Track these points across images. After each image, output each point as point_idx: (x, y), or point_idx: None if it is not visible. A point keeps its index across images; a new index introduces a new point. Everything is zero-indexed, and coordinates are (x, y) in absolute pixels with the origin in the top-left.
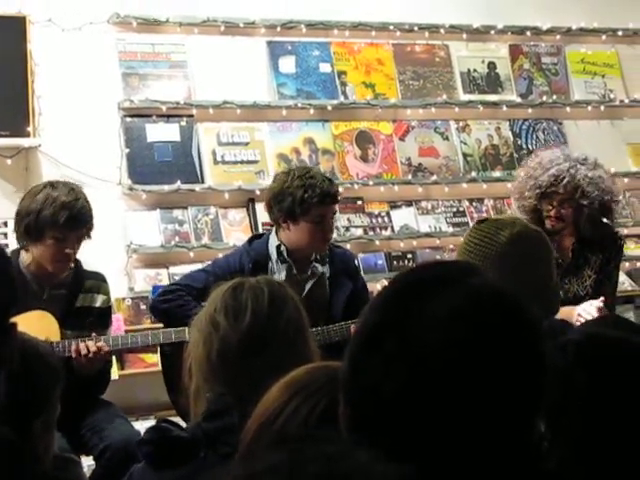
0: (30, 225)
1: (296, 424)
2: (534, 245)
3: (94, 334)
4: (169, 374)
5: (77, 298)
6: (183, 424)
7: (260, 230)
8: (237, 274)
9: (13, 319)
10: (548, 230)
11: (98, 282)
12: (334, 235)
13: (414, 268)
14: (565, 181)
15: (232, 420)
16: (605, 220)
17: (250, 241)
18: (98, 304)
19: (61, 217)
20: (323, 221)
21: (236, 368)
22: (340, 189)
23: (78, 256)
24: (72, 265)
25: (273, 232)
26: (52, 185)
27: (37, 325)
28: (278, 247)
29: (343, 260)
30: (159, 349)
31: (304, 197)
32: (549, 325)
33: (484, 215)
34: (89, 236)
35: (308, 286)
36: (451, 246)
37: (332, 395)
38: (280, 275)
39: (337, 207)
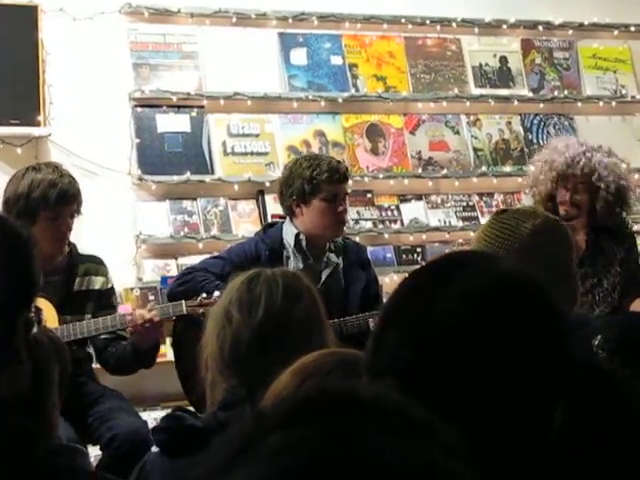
0: (21, 209)
1: None
2: (556, 236)
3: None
4: (182, 364)
5: (74, 283)
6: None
7: (270, 220)
8: (254, 261)
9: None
10: (562, 217)
11: (94, 265)
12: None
13: (438, 257)
14: (582, 163)
15: (244, 412)
16: (618, 210)
17: (265, 229)
18: (97, 287)
19: (51, 195)
20: (335, 200)
21: (248, 362)
22: (350, 182)
23: (82, 242)
24: (67, 250)
25: (287, 221)
26: (34, 168)
27: None
28: (297, 235)
29: (356, 252)
30: (171, 339)
31: (312, 174)
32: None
33: (494, 210)
34: (79, 212)
35: (324, 276)
36: (460, 240)
37: (341, 379)
38: (298, 264)
39: (348, 190)
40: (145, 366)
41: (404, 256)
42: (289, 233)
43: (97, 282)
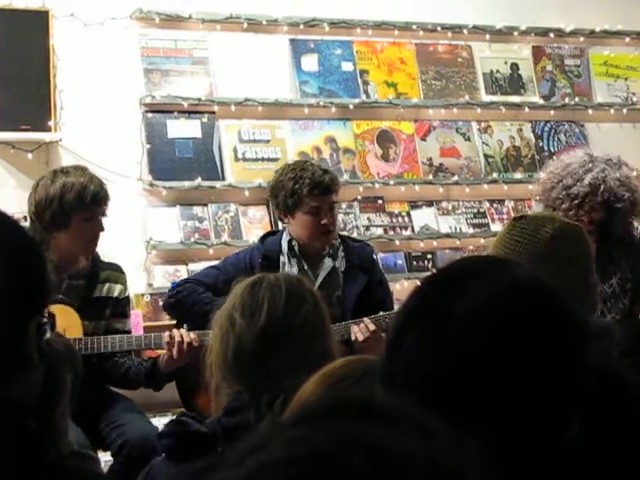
0: (55, 212)
1: None
2: (576, 240)
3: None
4: (181, 375)
5: (95, 288)
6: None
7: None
8: (248, 271)
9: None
10: None
11: (115, 273)
12: (354, 234)
13: (452, 262)
14: (602, 189)
15: (248, 418)
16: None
17: (263, 238)
18: (115, 294)
19: (86, 196)
20: (319, 213)
21: (251, 366)
22: (360, 188)
23: (97, 249)
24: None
25: (287, 228)
26: (63, 171)
27: (60, 321)
28: (290, 242)
29: (359, 254)
30: None
31: (294, 188)
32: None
33: (504, 216)
34: (106, 214)
35: (318, 282)
36: (471, 247)
37: (371, 387)
38: (292, 270)
39: (335, 198)
40: (155, 388)
41: (415, 263)
42: (285, 239)
43: (116, 290)
